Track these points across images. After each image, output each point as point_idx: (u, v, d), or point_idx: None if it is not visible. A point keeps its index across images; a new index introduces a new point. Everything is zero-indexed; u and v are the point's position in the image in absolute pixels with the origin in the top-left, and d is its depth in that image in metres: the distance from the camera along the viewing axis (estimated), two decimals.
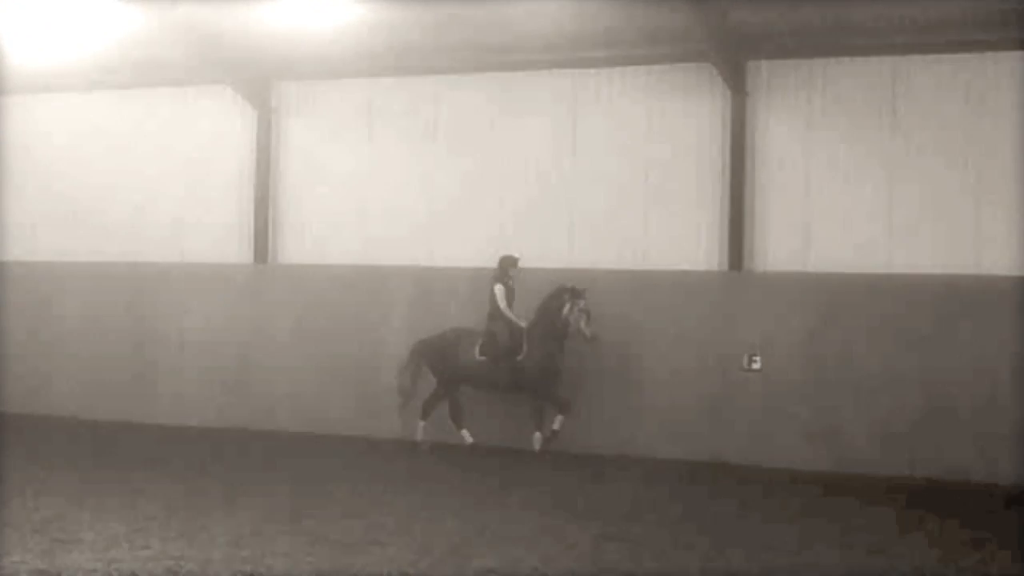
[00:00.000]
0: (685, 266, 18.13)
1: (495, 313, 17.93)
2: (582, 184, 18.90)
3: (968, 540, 12.11)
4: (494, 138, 19.44)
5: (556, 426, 17.50)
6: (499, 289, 17.89)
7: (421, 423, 18.31)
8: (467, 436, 18.11)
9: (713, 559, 10.88)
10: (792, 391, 17.41)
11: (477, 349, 17.92)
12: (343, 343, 19.85)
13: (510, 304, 17.89)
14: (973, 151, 16.99)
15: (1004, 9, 16.10)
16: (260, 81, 20.54)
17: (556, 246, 18.94)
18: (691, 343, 17.96)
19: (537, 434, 17.66)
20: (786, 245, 17.82)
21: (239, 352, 20.53)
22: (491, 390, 18.15)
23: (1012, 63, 16.82)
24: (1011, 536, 12.49)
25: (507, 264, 18.01)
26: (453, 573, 10.05)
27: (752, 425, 17.52)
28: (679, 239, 18.31)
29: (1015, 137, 16.76)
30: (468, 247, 19.38)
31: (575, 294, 17.47)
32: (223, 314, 20.67)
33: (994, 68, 16.92)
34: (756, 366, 17.59)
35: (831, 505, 14.29)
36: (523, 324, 17.75)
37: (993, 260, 16.79)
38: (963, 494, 15.28)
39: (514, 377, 17.74)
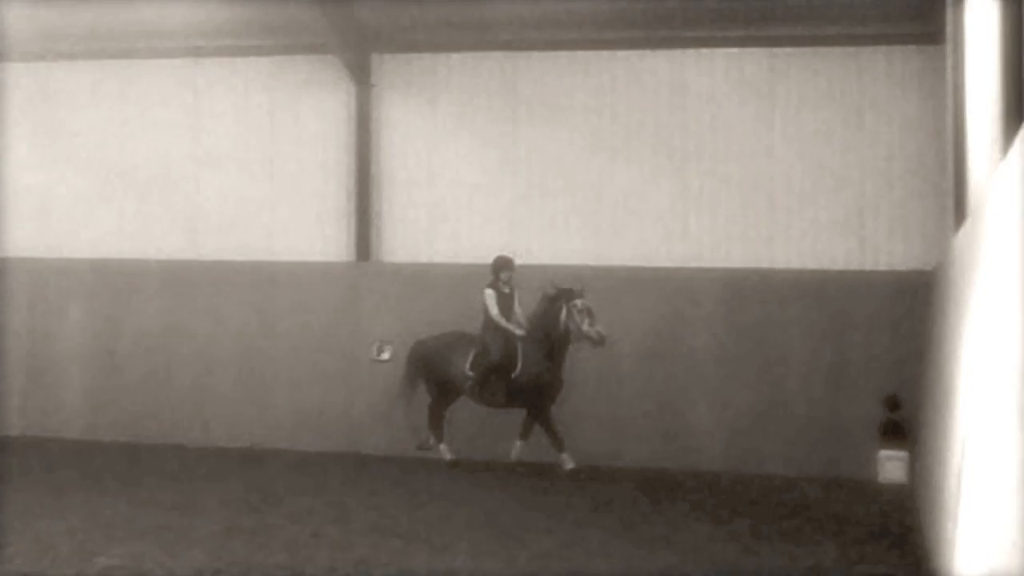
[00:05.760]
0: (314, 257, 18.18)
1: (488, 323, 16.09)
2: (207, 175, 18.69)
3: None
4: (116, 127, 18.98)
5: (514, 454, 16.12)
6: (490, 295, 16.06)
7: (441, 445, 16.47)
8: (445, 452, 16.31)
9: (344, 549, 10.92)
10: None
11: (468, 362, 16.17)
12: (12, 338, 18.86)
13: (508, 311, 16.13)
14: (609, 144, 17.69)
15: (626, 8, 17.05)
16: None
17: (179, 238, 18.71)
18: (319, 334, 17.99)
19: (519, 443, 16.11)
20: (412, 236, 18.11)
21: None
22: (486, 406, 16.31)
23: (632, 60, 17.64)
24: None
25: (499, 266, 16.17)
26: (76, 572, 9.79)
27: (381, 415, 17.53)
28: (306, 230, 18.36)
29: (639, 130, 17.61)
30: (90, 238, 18.91)
31: (570, 295, 15.72)
32: None
33: (624, 64, 17.67)
34: (386, 356, 17.65)
35: (459, 490, 14.62)
36: (520, 332, 16.00)
37: (623, 251, 17.55)
38: (591, 477, 15.68)
39: (509, 395, 15.99)
